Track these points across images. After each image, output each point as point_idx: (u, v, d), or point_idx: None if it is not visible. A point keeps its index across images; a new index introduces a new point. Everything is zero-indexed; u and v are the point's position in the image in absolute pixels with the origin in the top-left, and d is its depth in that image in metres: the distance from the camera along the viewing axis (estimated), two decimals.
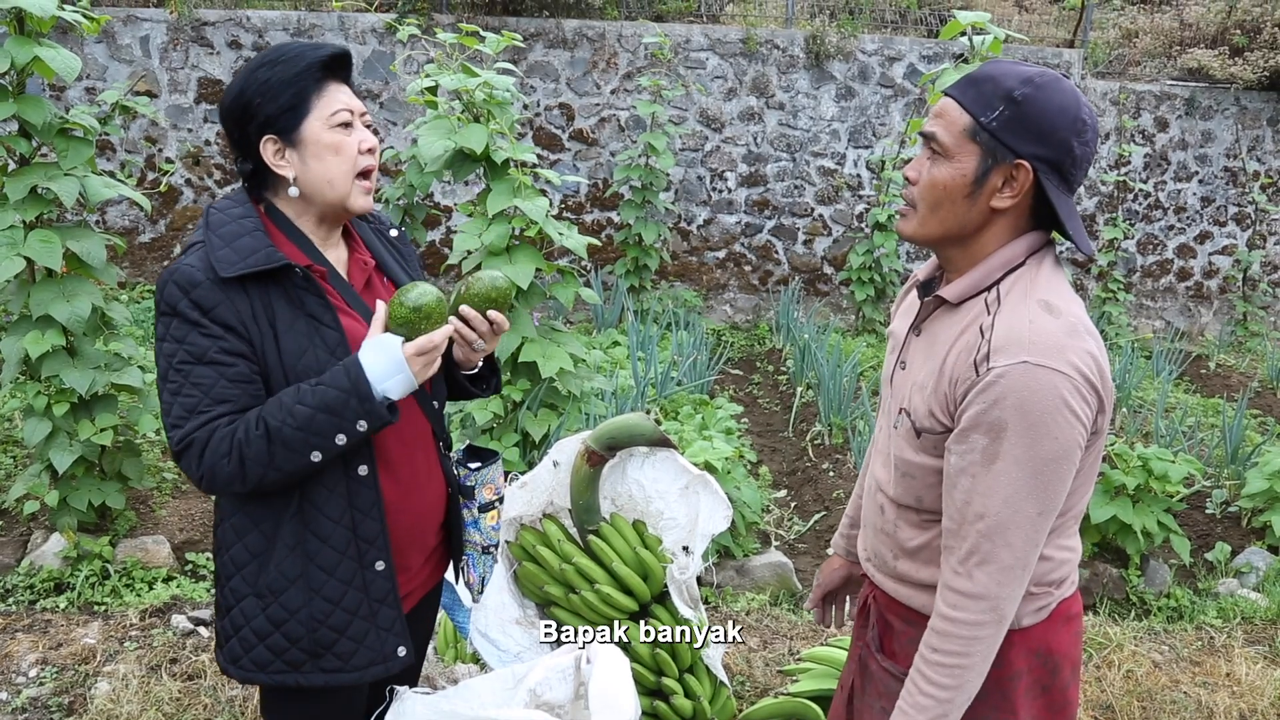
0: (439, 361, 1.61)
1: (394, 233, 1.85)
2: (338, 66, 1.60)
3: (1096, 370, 1.38)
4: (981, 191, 1.42)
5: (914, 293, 1.67)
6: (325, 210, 1.62)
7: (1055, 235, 1.51)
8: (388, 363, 1.53)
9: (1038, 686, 1.56)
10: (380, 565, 1.65)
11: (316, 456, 1.52)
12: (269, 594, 1.61)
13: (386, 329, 1.57)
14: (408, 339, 1.56)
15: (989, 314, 1.42)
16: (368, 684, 1.73)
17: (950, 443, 1.43)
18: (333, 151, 1.56)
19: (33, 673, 2.90)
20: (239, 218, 1.57)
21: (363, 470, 1.61)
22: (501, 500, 1.86)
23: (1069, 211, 1.41)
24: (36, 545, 3.44)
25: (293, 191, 1.59)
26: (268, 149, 1.57)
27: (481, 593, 1.89)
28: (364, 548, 1.63)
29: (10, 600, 3.27)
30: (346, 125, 1.58)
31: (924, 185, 1.46)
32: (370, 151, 1.61)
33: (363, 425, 1.52)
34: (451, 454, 1.85)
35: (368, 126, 1.64)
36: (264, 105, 1.55)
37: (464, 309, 1.66)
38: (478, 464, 1.80)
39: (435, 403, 1.79)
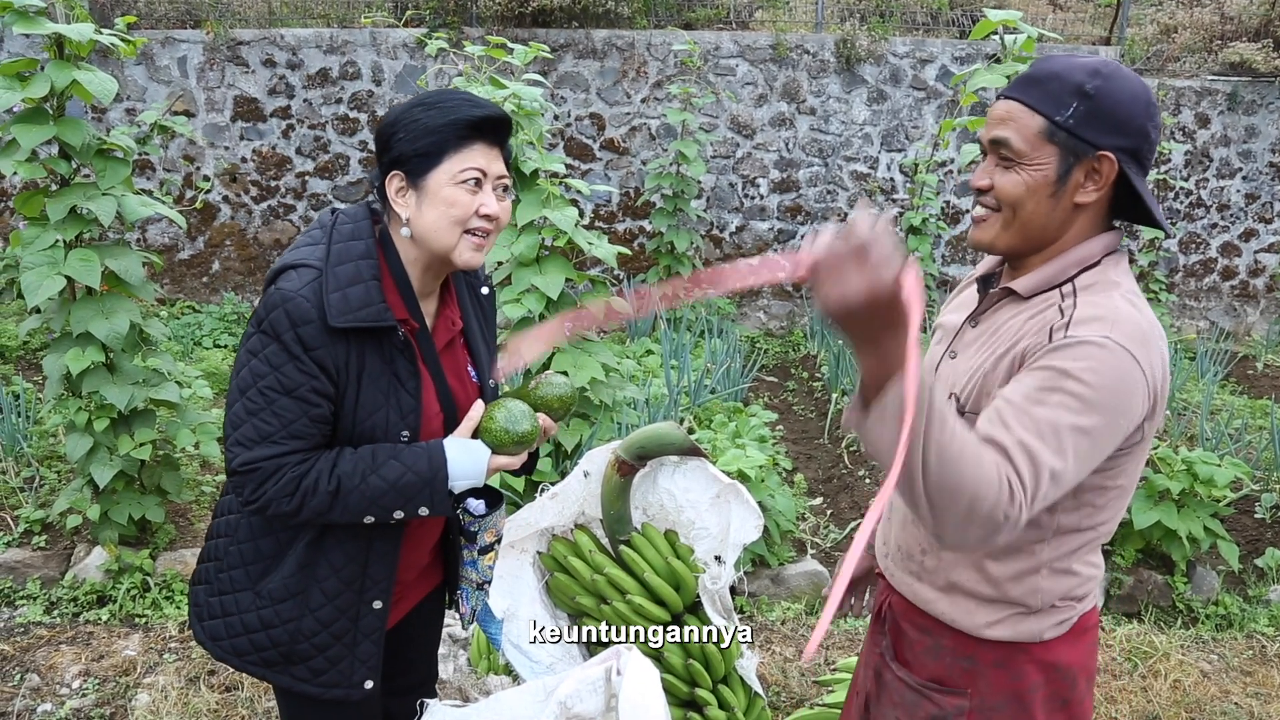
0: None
1: (485, 290, 1.85)
2: (490, 129, 1.57)
3: (1161, 378, 1.35)
4: (1065, 189, 1.39)
5: (972, 287, 1.63)
6: (432, 259, 1.61)
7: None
8: (470, 468, 1.60)
9: (1057, 699, 1.53)
10: (378, 605, 1.69)
11: (369, 520, 1.58)
12: (267, 598, 1.65)
13: (476, 434, 1.63)
14: (493, 450, 1.63)
15: (1065, 300, 1.40)
16: (379, 696, 1.77)
17: (999, 386, 1.38)
18: (447, 204, 1.55)
19: (75, 684, 2.95)
20: (359, 256, 1.56)
21: (397, 514, 1.63)
22: (500, 541, 1.89)
23: (1150, 196, 1.40)
24: (79, 559, 3.49)
25: (405, 233, 1.59)
26: (392, 184, 1.58)
27: (472, 623, 1.93)
28: (368, 585, 1.68)
29: (55, 613, 3.33)
30: (475, 184, 1.56)
31: (1004, 189, 1.41)
32: (488, 217, 1.58)
33: (424, 511, 1.58)
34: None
35: (505, 189, 1.62)
36: (403, 143, 1.55)
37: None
38: (482, 510, 1.81)
39: None
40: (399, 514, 1.57)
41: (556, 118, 6.91)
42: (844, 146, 7.19)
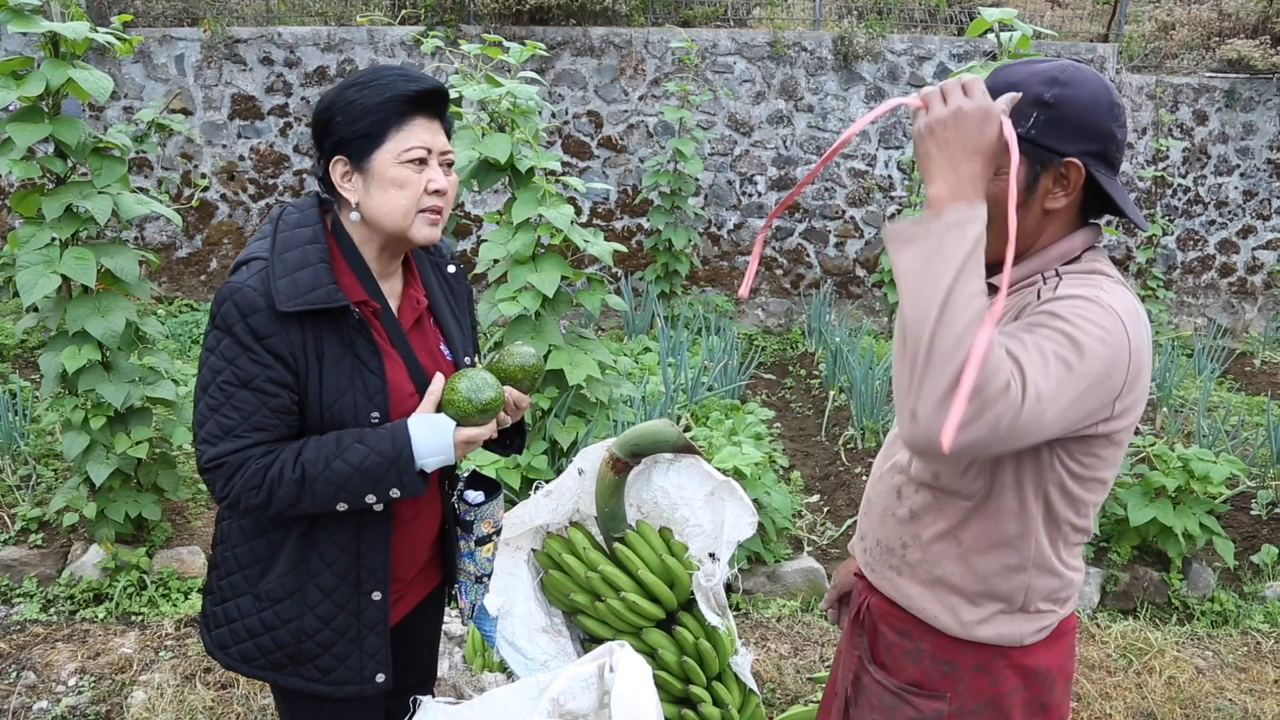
0: (479, 444, 1.66)
1: (451, 269, 1.84)
2: (428, 102, 1.56)
3: (1141, 353, 1.34)
4: (1034, 197, 1.40)
5: None
6: (386, 240, 1.61)
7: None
8: (437, 443, 1.57)
9: (1036, 704, 1.53)
10: (377, 596, 1.68)
11: (342, 506, 1.56)
12: (266, 599, 1.65)
13: (439, 408, 1.60)
14: (459, 423, 1.59)
15: (1046, 283, 1.41)
16: (384, 694, 1.76)
17: None
18: (396, 186, 1.54)
19: (71, 682, 2.95)
20: (305, 242, 1.55)
21: (377, 506, 1.63)
22: (499, 533, 1.88)
23: (1121, 194, 1.40)
24: (76, 556, 3.50)
25: (354, 216, 1.58)
26: (336, 169, 1.57)
27: (472, 617, 1.92)
28: (364, 576, 1.67)
29: (51, 610, 3.33)
30: (420, 162, 1.55)
31: None
32: (438, 193, 1.57)
33: (395, 493, 1.56)
34: (459, 480, 1.88)
35: (449, 165, 1.61)
36: (342, 126, 1.54)
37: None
38: (480, 499, 1.80)
39: None
40: (371, 498, 1.55)
41: (554, 115, 6.91)
42: None
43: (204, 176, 6.72)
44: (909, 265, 1.20)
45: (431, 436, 1.56)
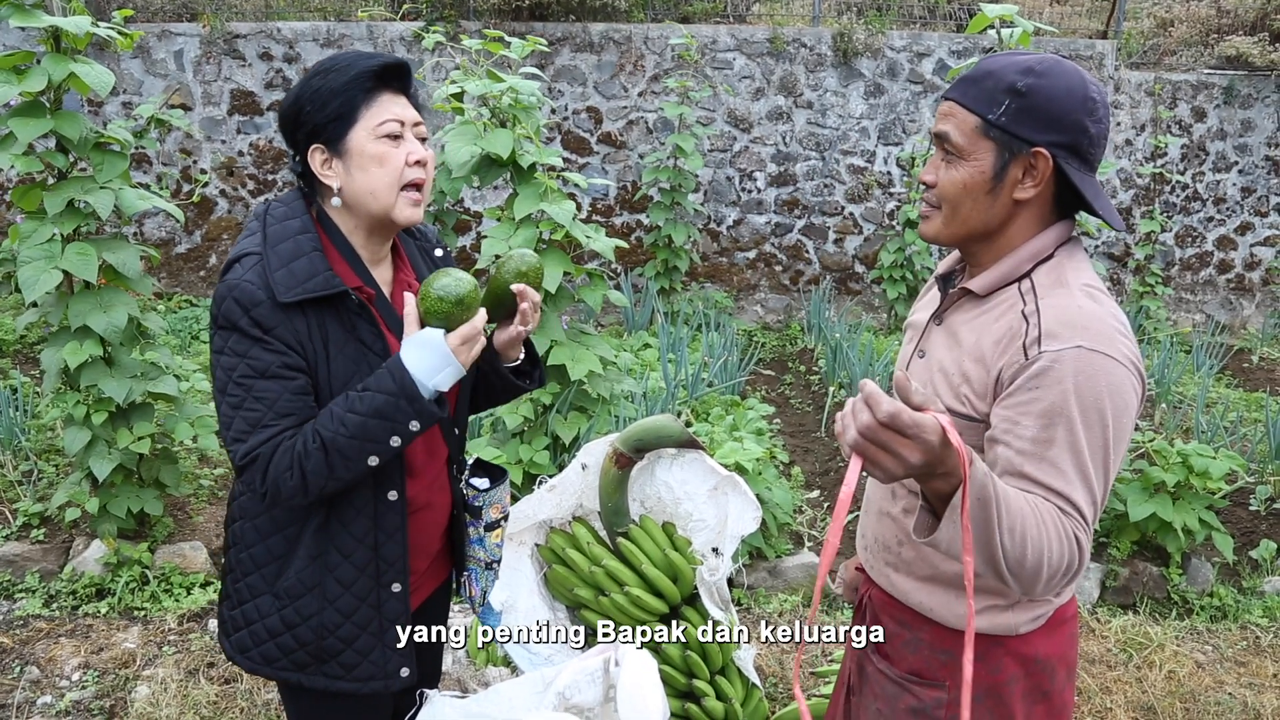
0: (483, 342, 1.61)
1: (439, 252, 1.83)
2: (392, 76, 1.57)
3: (1140, 361, 1.37)
4: (1003, 185, 1.41)
5: (935, 286, 1.66)
6: (372, 223, 1.60)
7: (1081, 221, 1.50)
8: (435, 358, 1.53)
9: (1037, 691, 1.54)
10: (397, 587, 1.68)
11: (374, 461, 1.53)
12: (286, 597, 1.63)
13: (422, 323, 1.56)
14: (447, 329, 1.56)
15: (1026, 302, 1.41)
16: (391, 692, 1.76)
17: (993, 434, 1.38)
18: (376, 163, 1.53)
19: (75, 676, 2.96)
20: (296, 233, 1.55)
21: (392, 495, 1.63)
22: (506, 518, 1.88)
23: (1094, 191, 1.40)
24: (78, 552, 3.50)
25: (335, 202, 1.58)
26: (315, 158, 1.56)
27: (483, 605, 1.91)
28: (383, 568, 1.66)
29: (54, 606, 3.33)
30: (395, 137, 1.55)
31: (943, 186, 1.45)
32: (419, 164, 1.57)
33: (415, 425, 1.52)
34: (464, 467, 1.87)
35: (422, 139, 1.60)
36: (313, 114, 1.53)
37: (515, 286, 1.68)
38: (486, 485, 1.80)
39: (456, 429, 1.80)
40: (395, 440, 1.51)
41: (554, 111, 6.91)
42: (841, 140, 7.19)
43: (203, 172, 6.71)
44: (958, 546, 1.23)
45: (426, 354, 1.53)
